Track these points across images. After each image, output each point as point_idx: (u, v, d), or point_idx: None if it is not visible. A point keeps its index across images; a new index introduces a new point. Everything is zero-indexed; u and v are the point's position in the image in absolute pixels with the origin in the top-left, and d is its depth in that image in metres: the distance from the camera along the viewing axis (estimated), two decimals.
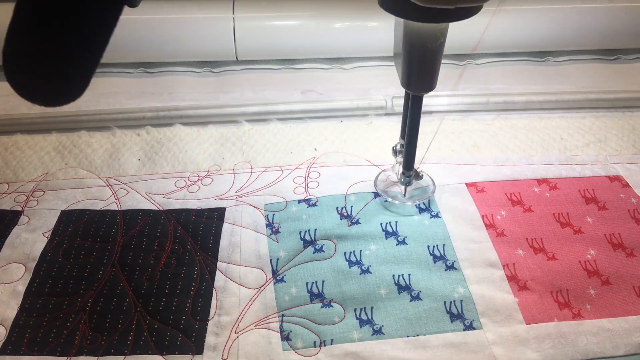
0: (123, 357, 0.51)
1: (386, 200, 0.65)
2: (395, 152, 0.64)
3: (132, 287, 0.57)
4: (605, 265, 0.59)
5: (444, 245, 0.61)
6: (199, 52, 0.89)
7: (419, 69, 0.51)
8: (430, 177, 0.67)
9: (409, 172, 0.62)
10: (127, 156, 0.73)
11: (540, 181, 0.69)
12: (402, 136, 0.61)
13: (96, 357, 0.51)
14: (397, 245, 0.61)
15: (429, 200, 0.66)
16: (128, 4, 0.44)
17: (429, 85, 0.53)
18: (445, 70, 0.81)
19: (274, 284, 0.58)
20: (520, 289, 0.57)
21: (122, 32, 0.83)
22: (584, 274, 0.58)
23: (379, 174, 0.68)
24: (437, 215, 0.64)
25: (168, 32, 0.85)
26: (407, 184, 0.63)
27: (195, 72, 0.91)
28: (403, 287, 0.57)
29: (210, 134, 0.77)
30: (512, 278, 0.58)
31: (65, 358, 0.51)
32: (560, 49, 0.94)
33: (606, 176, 0.69)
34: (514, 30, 0.88)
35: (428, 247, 0.61)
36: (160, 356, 0.52)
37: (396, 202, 0.65)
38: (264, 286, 0.57)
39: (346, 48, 0.90)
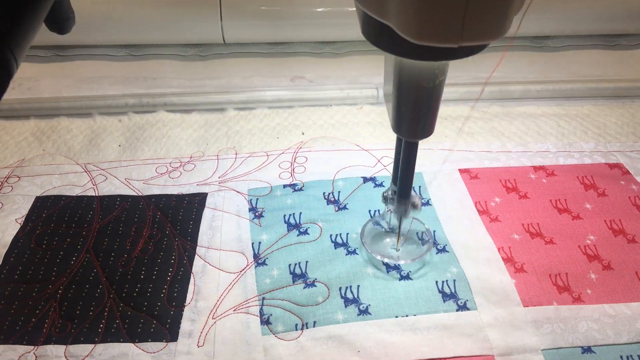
0: (93, 345, 0.48)
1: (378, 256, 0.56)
2: (385, 199, 0.53)
3: (106, 274, 0.54)
4: (607, 251, 0.56)
5: (434, 231, 0.58)
6: (185, 34, 0.86)
7: (414, 111, 0.42)
8: (427, 228, 0.57)
9: (405, 200, 0.51)
10: (107, 142, 0.71)
11: (537, 168, 0.66)
12: (394, 181, 0.51)
13: (65, 346, 0.48)
14: (386, 231, 0.58)
15: (419, 187, 0.63)
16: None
17: (426, 130, 0.44)
18: None
19: (255, 267, 0.55)
20: (517, 270, 0.54)
21: (108, 13, 0.82)
22: (584, 258, 0.55)
23: (366, 223, 0.58)
24: (427, 203, 0.62)
25: (154, 12, 0.83)
26: (401, 216, 0.53)
27: (181, 55, 0.89)
28: (392, 267, 0.54)
29: (195, 119, 0.74)
30: (507, 260, 0.55)
31: (32, 347, 0.48)
32: (558, 33, 0.91)
33: (606, 163, 0.67)
34: None
35: (417, 233, 0.58)
36: (132, 344, 0.48)
37: (385, 260, 0.54)
38: (244, 270, 0.54)
39: (337, 32, 0.87)
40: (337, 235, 0.58)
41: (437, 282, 0.53)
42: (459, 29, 0.31)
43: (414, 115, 0.43)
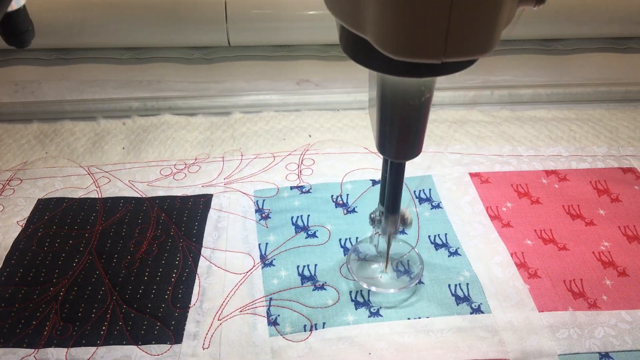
0: (95, 348, 0.47)
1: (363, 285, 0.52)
2: (373, 220, 0.49)
3: (109, 276, 0.53)
4: (621, 257, 0.55)
5: (445, 234, 0.57)
6: (190, 36, 0.85)
7: (400, 131, 0.39)
8: (418, 255, 0.54)
9: (393, 215, 0.47)
10: (111, 144, 0.70)
11: (549, 172, 0.65)
12: (381, 202, 0.47)
13: (66, 349, 0.47)
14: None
15: (429, 190, 0.62)
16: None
17: (414, 150, 0.41)
18: None
19: (262, 268, 0.53)
20: (530, 276, 0.52)
21: (112, 16, 0.82)
22: (599, 264, 0.54)
23: (352, 249, 0.55)
24: (438, 206, 0.60)
25: (158, 15, 0.82)
26: (390, 235, 0.49)
27: (186, 58, 0.88)
28: (402, 272, 0.53)
29: (200, 122, 0.73)
30: (521, 265, 0.53)
31: (33, 350, 0.47)
32: (568, 36, 0.90)
33: (619, 168, 0.65)
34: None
35: (429, 236, 0.56)
36: (135, 346, 0.47)
37: (372, 289, 0.51)
38: (250, 271, 0.53)
39: None
40: (346, 239, 0.56)
41: (449, 285, 0.52)
42: (441, 44, 0.28)
43: (399, 135, 0.39)
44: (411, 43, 0.28)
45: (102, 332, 0.48)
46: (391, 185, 0.44)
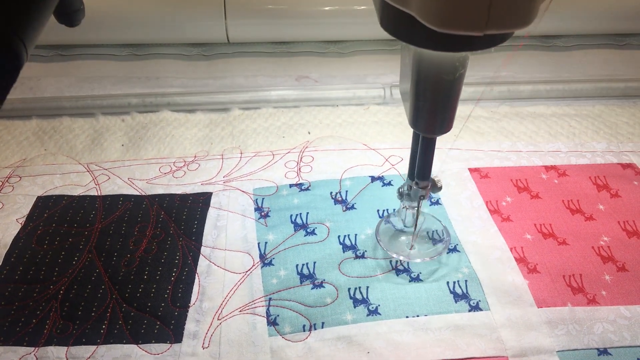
0: (95, 346, 0.47)
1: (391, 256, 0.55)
2: (401, 195, 0.51)
3: (109, 274, 0.53)
4: (621, 252, 0.55)
5: (444, 229, 0.57)
6: (189, 33, 0.85)
7: (432, 106, 0.41)
8: (444, 226, 0.57)
9: (424, 182, 0.49)
10: (110, 141, 0.70)
11: (548, 168, 0.65)
12: (410, 177, 0.49)
13: (66, 347, 0.47)
14: (395, 231, 0.57)
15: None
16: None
17: (445, 125, 0.43)
18: None
19: (261, 267, 0.53)
20: (529, 271, 0.52)
21: (111, 12, 0.81)
22: (598, 259, 0.54)
23: (380, 221, 0.57)
24: (437, 202, 0.60)
25: (157, 11, 0.82)
26: (421, 197, 0.50)
27: (185, 55, 0.87)
28: (401, 270, 0.53)
29: (199, 119, 0.73)
30: (520, 260, 0.53)
31: (33, 348, 0.47)
32: (567, 33, 0.90)
33: (619, 163, 0.65)
34: None
35: (427, 232, 0.56)
36: (135, 345, 0.47)
37: (401, 258, 0.54)
38: (250, 270, 0.53)
39: (342, 31, 0.86)
40: (345, 236, 0.56)
41: (448, 282, 0.52)
42: (484, 16, 0.29)
43: (432, 110, 0.41)
44: (455, 15, 0.30)
45: (102, 331, 0.48)
46: (421, 160, 0.46)
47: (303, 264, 0.54)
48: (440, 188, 0.50)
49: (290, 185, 0.63)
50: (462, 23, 0.30)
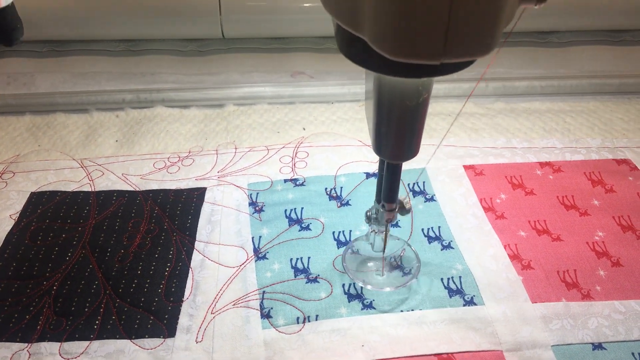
0: (88, 342, 0.47)
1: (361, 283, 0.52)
2: (369, 218, 0.49)
3: (102, 269, 0.53)
4: (615, 247, 0.55)
5: (439, 227, 0.57)
6: (184, 28, 0.85)
7: (396, 132, 0.38)
8: (414, 251, 0.54)
9: (391, 204, 0.46)
10: (104, 137, 0.69)
11: (543, 164, 0.65)
12: (377, 200, 0.47)
13: (59, 343, 0.47)
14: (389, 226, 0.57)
15: (423, 183, 0.62)
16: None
17: (410, 151, 0.40)
18: None
19: (255, 261, 0.53)
20: (524, 267, 0.52)
21: (105, 7, 0.81)
22: (593, 254, 0.54)
23: (348, 246, 0.54)
24: (432, 199, 0.60)
25: (152, 6, 0.82)
26: (388, 221, 0.47)
27: (179, 50, 0.87)
28: (395, 267, 0.53)
29: (194, 114, 0.73)
30: (514, 257, 0.54)
31: (26, 344, 0.47)
32: (562, 29, 0.90)
33: (613, 159, 0.65)
34: None
35: (422, 229, 0.56)
36: (128, 340, 0.47)
37: (368, 287, 0.50)
38: (244, 264, 0.53)
39: None
40: (339, 232, 0.56)
41: (442, 278, 0.51)
42: (441, 44, 0.27)
43: (396, 136, 0.38)
44: (409, 43, 0.27)
45: (95, 327, 0.48)
46: (387, 183, 0.44)
47: (297, 259, 0.53)
48: (409, 210, 0.47)
49: (285, 181, 0.62)
50: (417, 52, 0.28)
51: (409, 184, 0.62)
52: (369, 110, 0.39)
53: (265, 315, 0.48)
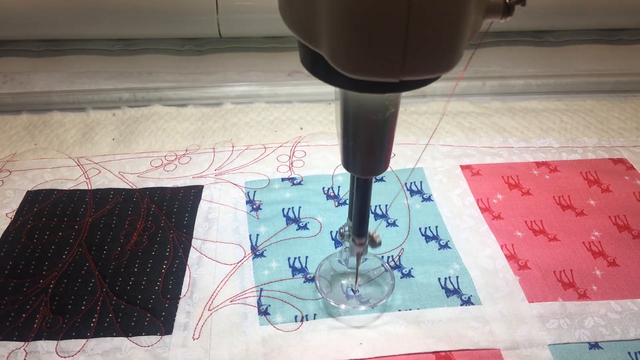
0: (85, 340, 0.47)
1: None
2: (342, 235, 0.47)
3: (99, 267, 0.53)
4: (612, 247, 0.55)
5: (436, 226, 0.57)
6: (181, 28, 0.85)
7: (364, 147, 0.37)
8: (389, 271, 0.51)
9: (361, 238, 0.44)
10: (101, 135, 0.69)
11: (540, 164, 0.65)
12: (350, 217, 0.45)
13: (56, 341, 0.47)
14: (387, 227, 0.57)
15: (420, 182, 0.62)
16: None
17: (380, 166, 0.38)
18: None
19: (253, 259, 0.53)
20: (520, 267, 0.53)
21: (102, 6, 0.81)
22: (589, 254, 0.54)
23: (322, 263, 0.52)
24: (429, 199, 0.60)
25: (149, 5, 0.82)
26: (359, 254, 0.46)
27: (177, 49, 0.87)
28: (393, 267, 0.53)
29: (191, 113, 0.73)
30: (511, 257, 0.54)
31: (23, 343, 0.47)
32: (559, 28, 0.90)
33: (610, 159, 0.66)
34: None
35: (420, 228, 0.56)
36: (125, 338, 0.47)
37: (342, 307, 0.48)
38: (241, 262, 0.53)
39: None
40: (337, 232, 0.56)
41: (439, 278, 0.52)
42: (399, 62, 0.26)
43: (364, 151, 0.37)
44: (367, 61, 0.26)
45: (92, 324, 0.48)
46: (358, 202, 0.42)
47: (295, 258, 0.53)
48: (380, 244, 0.45)
49: (283, 179, 0.62)
50: (374, 69, 0.27)
51: (406, 183, 0.62)
52: (338, 121, 0.38)
53: (263, 312, 0.48)
